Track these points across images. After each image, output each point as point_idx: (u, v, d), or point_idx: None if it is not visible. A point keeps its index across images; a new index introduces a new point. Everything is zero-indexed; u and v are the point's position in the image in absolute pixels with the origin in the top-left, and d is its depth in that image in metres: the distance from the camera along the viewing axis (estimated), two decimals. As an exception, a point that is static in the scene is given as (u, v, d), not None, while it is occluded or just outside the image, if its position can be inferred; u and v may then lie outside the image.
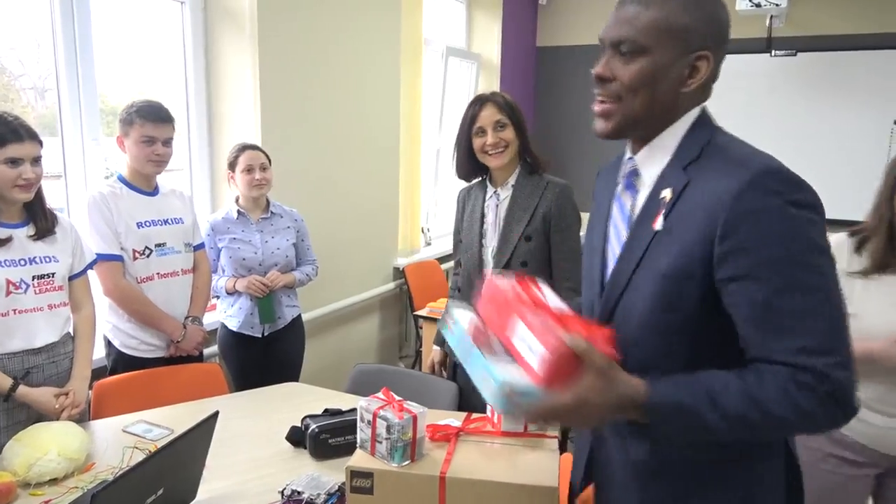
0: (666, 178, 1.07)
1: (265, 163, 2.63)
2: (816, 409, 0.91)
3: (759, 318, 0.94)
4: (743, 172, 0.95)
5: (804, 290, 0.92)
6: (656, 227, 1.04)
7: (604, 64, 1.07)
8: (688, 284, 0.99)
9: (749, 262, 0.93)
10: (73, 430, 1.65)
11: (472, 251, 2.21)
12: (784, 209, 0.93)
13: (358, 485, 1.31)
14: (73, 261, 1.98)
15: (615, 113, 1.07)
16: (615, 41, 1.05)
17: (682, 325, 1.02)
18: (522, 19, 5.65)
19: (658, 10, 1.03)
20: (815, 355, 0.90)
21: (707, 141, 1.06)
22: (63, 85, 2.46)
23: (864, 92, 4.92)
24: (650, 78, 1.04)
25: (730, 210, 0.94)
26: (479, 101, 2.14)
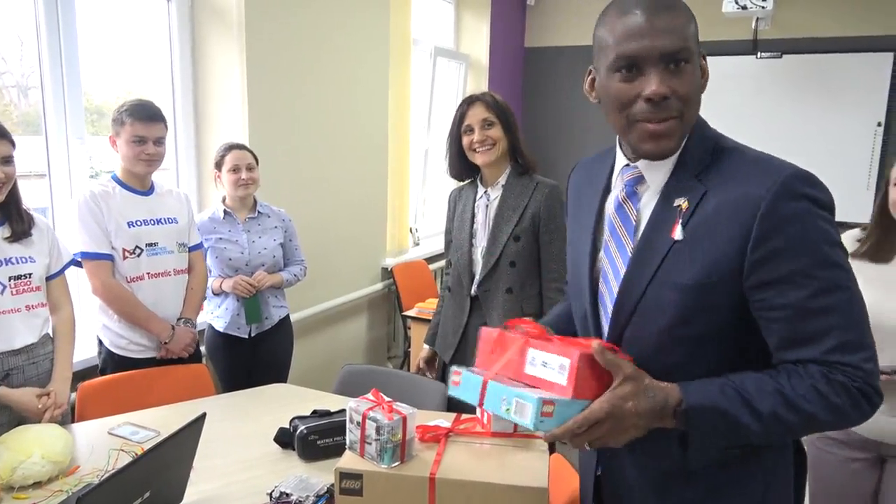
0: (677, 185, 1.04)
1: (252, 163, 2.62)
2: (848, 405, 0.94)
3: (796, 321, 0.95)
4: (769, 179, 0.96)
5: (836, 291, 0.94)
6: (676, 237, 1.01)
7: (661, 82, 0.98)
8: (718, 293, 0.99)
9: (785, 267, 0.94)
10: (57, 433, 1.63)
11: (463, 251, 2.22)
12: (812, 213, 0.95)
13: (347, 486, 1.30)
14: (51, 261, 1.96)
15: (676, 131, 1.02)
16: (668, 53, 0.98)
17: (706, 335, 1.01)
18: (510, 20, 5.65)
19: (686, 15, 1.01)
20: (850, 352, 0.93)
21: (713, 147, 1.05)
22: (47, 83, 2.43)
23: (849, 93, 4.97)
24: (698, 86, 1.03)
25: (763, 218, 0.94)
26: (468, 101, 2.17)
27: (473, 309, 2.22)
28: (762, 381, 0.96)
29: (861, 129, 4.96)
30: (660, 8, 0.99)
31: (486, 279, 2.16)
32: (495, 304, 2.16)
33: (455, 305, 2.27)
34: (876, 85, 4.89)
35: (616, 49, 1.00)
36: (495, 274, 2.15)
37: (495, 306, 2.16)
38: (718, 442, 1.00)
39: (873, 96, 4.90)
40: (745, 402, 0.94)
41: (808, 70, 5.06)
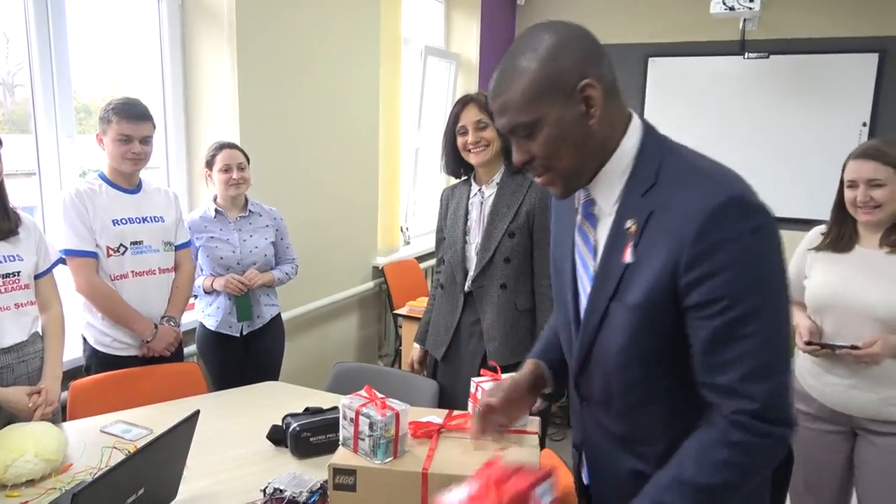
0: (626, 206, 1.07)
1: (243, 162, 2.62)
2: (754, 452, 0.97)
3: (711, 344, 0.97)
4: (701, 203, 0.96)
5: (756, 320, 0.95)
6: (626, 260, 1.04)
7: (517, 151, 1.08)
8: (659, 314, 1.02)
9: (708, 293, 0.96)
10: (50, 431, 1.63)
11: (456, 248, 2.24)
12: (743, 239, 0.95)
13: (341, 482, 1.32)
14: (38, 259, 1.96)
15: (555, 180, 1.09)
16: (509, 130, 1.07)
17: (660, 353, 1.04)
18: (501, 20, 5.67)
19: (521, 84, 1.03)
20: (756, 381, 0.95)
21: (660, 163, 1.05)
22: (37, 81, 2.42)
23: (835, 94, 5.03)
24: (560, 138, 1.04)
25: (692, 242, 0.96)
26: (463, 101, 2.19)
27: (466, 305, 2.24)
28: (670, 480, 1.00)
29: (846, 128, 5.02)
30: (494, 93, 1.07)
31: (481, 275, 2.18)
32: (489, 300, 2.18)
33: (447, 302, 2.29)
34: (861, 85, 4.95)
35: None
36: (490, 270, 2.17)
37: (489, 302, 2.18)
38: None
39: (858, 96, 4.96)
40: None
41: (794, 70, 5.12)
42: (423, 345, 2.43)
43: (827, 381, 1.94)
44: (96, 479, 1.20)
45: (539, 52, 1.03)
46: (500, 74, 1.07)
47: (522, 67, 1.03)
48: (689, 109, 5.34)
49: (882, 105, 4.92)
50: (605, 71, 1.05)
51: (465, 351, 2.25)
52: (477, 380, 1.49)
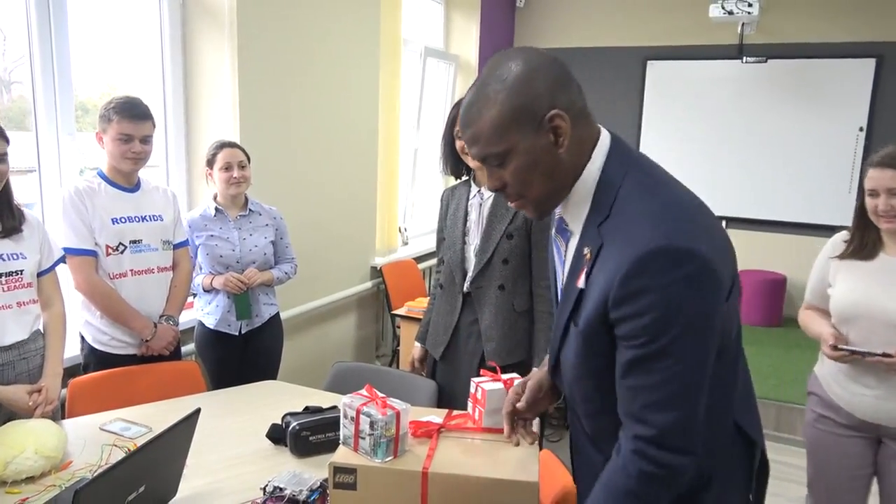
0: (585, 234, 1.12)
1: (244, 161, 2.63)
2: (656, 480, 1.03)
3: (625, 373, 1.04)
4: (631, 249, 1.00)
5: (666, 359, 1.00)
6: (580, 286, 1.10)
7: (491, 178, 1.12)
8: (597, 339, 1.08)
9: (626, 329, 1.02)
10: (50, 428, 1.63)
11: (455, 249, 2.25)
12: (664, 288, 0.99)
13: (341, 480, 1.32)
14: (41, 257, 1.96)
15: (528, 205, 1.14)
16: (480, 159, 1.11)
17: (605, 371, 1.09)
18: (500, 21, 5.69)
19: (492, 114, 1.05)
20: (651, 412, 1.02)
21: (616, 193, 1.08)
22: (38, 78, 2.42)
23: (832, 99, 5.06)
24: (530, 167, 1.07)
25: (618, 287, 1.01)
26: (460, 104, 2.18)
27: (465, 305, 2.25)
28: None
29: (843, 133, 5.05)
30: (464, 122, 1.10)
31: (479, 276, 2.19)
32: (488, 300, 2.19)
33: (446, 302, 2.30)
34: (858, 90, 4.98)
35: None
36: (488, 271, 2.18)
37: (487, 303, 2.20)
38: None
39: (856, 101, 4.99)
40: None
41: (792, 75, 5.15)
42: (423, 344, 2.44)
43: (854, 391, 1.91)
44: (98, 476, 1.21)
45: (507, 81, 1.05)
46: (469, 104, 1.09)
47: (491, 98, 1.05)
48: (687, 113, 5.36)
49: (879, 110, 4.95)
50: (574, 97, 1.07)
51: (464, 351, 2.26)
52: (477, 380, 1.49)
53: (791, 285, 5.29)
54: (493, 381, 1.48)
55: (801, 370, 4.30)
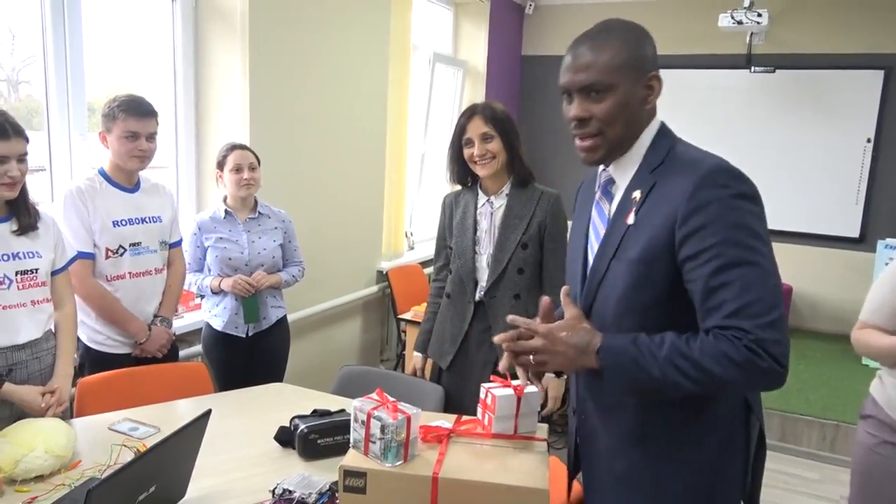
0: (636, 181, 1.26)
1: (254, 163, 2.64)
2: (737, 358, 1.07)
3: (705, 292, 1.11)
4: (696, 171, 1.15)
5: (737, 267, 1.09)
6: (629, 222, 1.23)
7: (578, 107, 1.23)
8: (656, 267, 1.18)
9: (698, 244, 1.12)
10: (59, 427, 1.63)
11: (465, 258, 2.24)
12: (728, 200, 1.12)
13: (351, 484, 1.32)
14: (56, 256, 1.96)
15: (600, 145, 1.25)
16: (584, 86, 1.22)
17: (654, 303, 1.20)
18: (508, 28, 5.71)
19: (613, 50, 1.21)
20: (744, 318, 1.07)
21: (668, 149, 1.25)
22: (51, 78, 2.44)
23: (840, 109, 5.06)
24: (622, 108, 1.22)
25: (686, 202, 1.13)
26: (468, 113, 2.19)
27: (476, 315, 2.24)
28: (667, 336, 1.14)
29: (851, 144, 5.05)
30: (585, 48, 1.23)
31: (494, 286, 2.18)
32: (503, 310, 2.16)
33: (455, 312, 2.28)
34: (866, 102, 4.98)
35: (559, 80, 1.28)
36: (503, 281, 2.18)
37: (502, 312, 2.14)
38: (626, 381, 1.17)
39: (863, 113, 4.99)
40: (648, 348, 1.13)
41: (800, 85, 5.15)
42: (424, 353, 2.42)
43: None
44: (110, 475, 1.21)
45: (629, 35, 1.24)
46: (591, 38, 1.24)
47: (614, 40, 1.22)
48: (695, 121, 5.36)
49: (887, 121, 4.94)
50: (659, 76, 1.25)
51: (475, 359, 2.25)
52: (487, 385, 1.49)
53: (797, 296, 5.28)
54: (503, 386, 1.49)
55: (806, 381, 4.29)
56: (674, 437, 1.25)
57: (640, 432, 1.27)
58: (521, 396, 1.46)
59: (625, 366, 1.15)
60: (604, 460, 1.34)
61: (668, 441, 1.25)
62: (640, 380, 1.14)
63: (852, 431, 3.55)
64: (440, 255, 2.39)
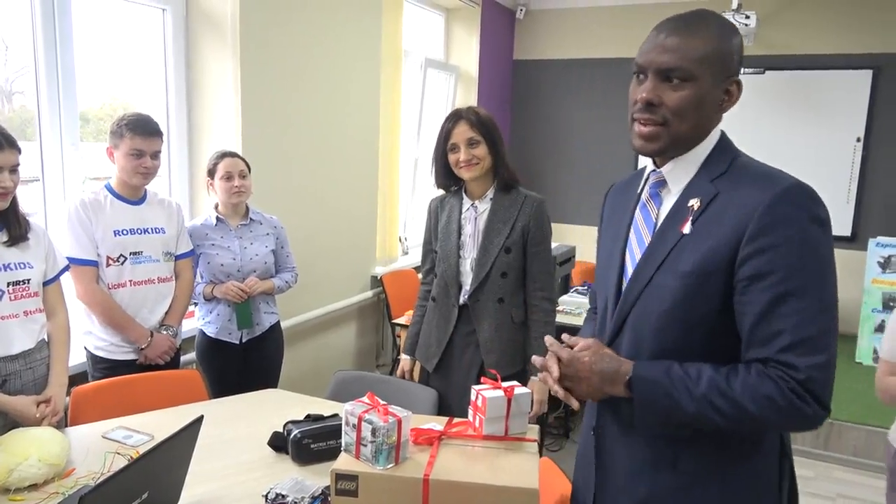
0: (693, 188, 1.17)
1: (244, 170, 2.65)
2: (781, 402, 1.01)
3: (760, 317, 1.05)
4: (773, 186, 1.07)
5: (807, 297, 1.02)
6: (684, 231, 1.14)
7: (651, 90, 1.14)
8: (711, 282, 1.10)
9: (765, 265, 1.04)
10: (53, 436, 1.64)
11: (450, 262, 2.26)
12: (804, 223, 1.04)
13: (343, 487, 1.33)
14: (47, 267, 1.98)
15: (661, 135, 1.16)
16: (663, 69, 1.13)
17: (701, 321, 1.12)
18: (500, 33, 5.73)
19: (704, 40, 1.12)
20: (798, 355, 1.01)
21: (733, 159, 1.17)
22: (42, 89, 2.45)
23: (829, 110, 5.09)
24: (696, 104, 1.13)
25: (759, 217, 1.05)
26: (453, 118, 2.21)
27: (461, 317, 2.26)
28: (704, 369, 1.08)
29: (841, 144, 5.08)
30: (676, 31, 1.14)
31: (478, 290, 2.21)
32: (486, 313, 2.21)
33: (440, 315, 2.31)
34: (855, 101, 5.01)
35: (636, 58, 1.18)
36: (487, 284, 2.20)
37: (486, 316, 2.21)
38: (656, 413, 1.12)
39: (853, 112, 5.03)
40: (683, 383, 1.08)
41: (790, 86, 5.18)
42: (412, 356, 2.45)
43: None
44: (102, 483, 1.22)
45: (724, 29, 1.15)
46: (685, 22, 1.14)
47: (709, 30, 1.13)
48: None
49: (876, 121, 4.98)
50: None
51: (460, 362, 2.27)
52: (477, 388, 1.50)
53: (790, 295, 5.30)
54: (493, 388, 1.50)
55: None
56: (706, 463, 1.16)
57: (669, 455, 1.18)
58: (511, 398, 1.47)
59: (657, 399, 1.09)
60: (624, 485, 1.25)
61: (700, 467, 1.17)
62: (671, 414, 1.09)
63: (845, 429, 3.59)
64: (426, 258, 2.41)
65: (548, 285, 2.23)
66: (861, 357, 4.54)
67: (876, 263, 4.51)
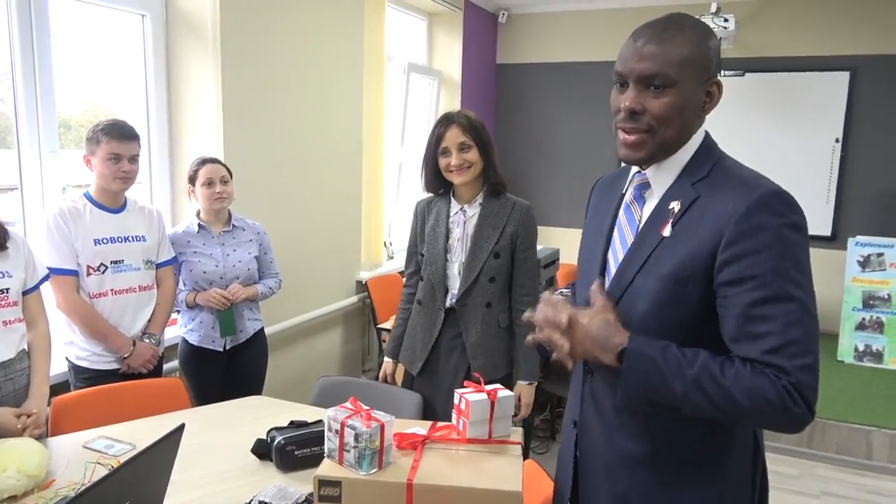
0: (675, 191, 1.18)
1: (226, 176, 2.63)
2: (770, 397, 1.02)
3: (743, 320, 1.06)
4: (751, 192, 1.08)
5: (787, 300, 1.04)
6: (664, 234, 1.15)
7: (634, 98, 1.14)
8: (689, 286, 1.11)
9: (744, 270, 1.05)
10: (32, 447, 1.62)
11: (437, 265, 2.26)
12: (781, 229, 1.05)
13: (326, 493, 1.33)
14: (26, 276, 1.95)
15: (647, 142, 1.16)
16: (644, 76, 1.13)
17: (680, 324, 1.13)
18: (482, 37, 5.75)
19: (681, 44, 1.12)
20: (785, 357, 1.03)
21: (715, 163, 1.18)
22: (20, 96, 2.42)
23: (808, 111, 5.16)
24: (679, 108, 1.14)
25: (736, 223, 1.06)
26: (444, 122, 2.20)
27: (447, 321, 2.26)
28: (700, 353, 1.08)
29: (820, 144, 5.14)
30: (654, 38, 1.13)
31: (466, 294, 2.21)
32: (473, 318, 2.22)
33: (426, 319, 2.30)
34: (833, 103, 5.08)
35: (615, 67, 1.18)
36: (475, 289, 2.20)
37: (473, 320, 2.22)
38: (645, 389, 1.11)
39: (831, 113, 5.09)
40: (677, 363, 1.07)
41: (769, 88, 5.24)
42: (395, 359, 2.44)
43: None
44: (81, 493, 1.20)
45: (700, 32, 1.15)
46: (661, 27, 1.14)
47: (686, 35, 1.13)
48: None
49: (854, 121, 5.05)
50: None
51: (446, 366, 2.27)
52: (461, 391, 1.50)
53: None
54: (476, 392, 1.50)
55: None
56: (685, 459, 1.18)
57: (649, 451, 1.20)
58: (494, 401, 1.47)
59: (648, 374, 1.09)
60: (603, 479, 1.27)
61: (679, 463, 1.18)
62: (658, 391, 1.09)
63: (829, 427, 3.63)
64: (411, 261, 2.40)
65: (533, 290, 2.25)
66: (842, 355, 4.60)
67: (856, 262, 4.57)
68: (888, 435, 3.54)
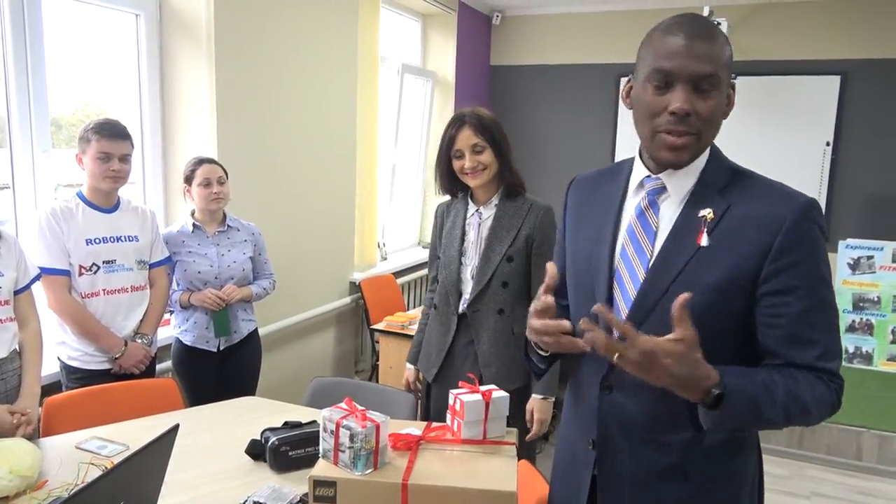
0: (700, 198, 1.15)
1: (222, 176, 2.63)
2: (832, 402, 1.10)
3: (795, 328, 1.08)
4: (793, 202, 1.10)
5: (828, 307, 1.10)
6: (702, 243, 1.12)
7: (687, 99, 1.09)
8: (734, 296, 1.11)
9: (794, 279, 1.08)
10: (25, 447, 1.61)
11: (451, 268, 2.17)
12: (819, 238, 1.10)
13: (321, 494, 1.32)
14: (18, 275, 1.94)
15: (692, 146, 1.13)
16: (699, 76, 1.08)
17: (715, 336, 1.08)
18: (476, 38, 5.76)
19: (723, 44, 1.11)
20: (830, 360, 1.09)
21: (730, 168, 1.18)
22: (12, 95, 2.41)
23: (799, 115, 5.19)
24: (720, 111, 1.14)
25: (786, 233, 1.08)
26: (456, 122, 2.11)
27: (461, 327, 2.17)
28: (774, 375, 1.08)
29: (811, 148, 5.18)
30: (700, 35, 1.10)
31: (477, 299, 2.12)
32: (486, 324, 2.13)
33: (440, 324, 2.22)
34: (825, 106, 5.12)
35: (654, 63, 1.11)
36: (487, 294, 2.11)
37: (486, 327, 2.13)
38: (737, 423, 1.10)
39: (822, 117, 5.13)
40: (767, 393, 1.06)
41: (761, 91, 5.27)
42: (415, 365, 2.36)
43: None
44: (74, 494, 1.20)
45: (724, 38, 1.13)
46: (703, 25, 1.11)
47: (722, 35, 1.12)
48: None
49: (845, 125, 5.09)
50: None
51: (460, 372, 2.13)
52: (455, 392, 1.51)
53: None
54: (471, 392, 1.50)
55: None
56: (712, 470, 1.18)
57: (681, 465, 1.17)
58: (489, 401, 1.47)
59: (745, 412, 1.05)
60: (627, 496, 1.23)
61: (707, 475, 1.18)
62: (746, 421, 1.09)
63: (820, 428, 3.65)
64: (433, 265, 2.32)
65: None
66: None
67: (846, 265, 4.59)
68: (878, 436, 3.57)
